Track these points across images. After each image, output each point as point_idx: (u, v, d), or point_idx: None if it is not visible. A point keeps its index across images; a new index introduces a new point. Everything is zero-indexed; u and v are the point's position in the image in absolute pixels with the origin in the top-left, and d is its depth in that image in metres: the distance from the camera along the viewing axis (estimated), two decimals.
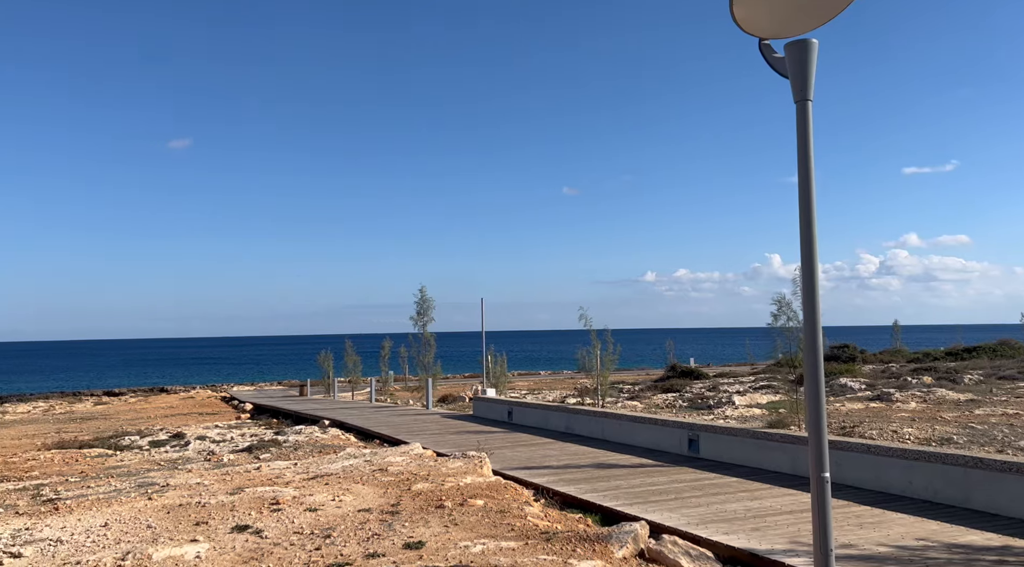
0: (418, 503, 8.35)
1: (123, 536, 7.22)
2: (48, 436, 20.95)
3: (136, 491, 9.71)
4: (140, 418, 26.91)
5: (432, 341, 27.82)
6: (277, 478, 10.32)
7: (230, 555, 6.49)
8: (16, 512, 8.66)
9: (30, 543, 7.04)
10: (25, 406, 37.16)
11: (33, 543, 7.03)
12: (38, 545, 6.96)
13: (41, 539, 7.19)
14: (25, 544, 6.99)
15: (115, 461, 14.57)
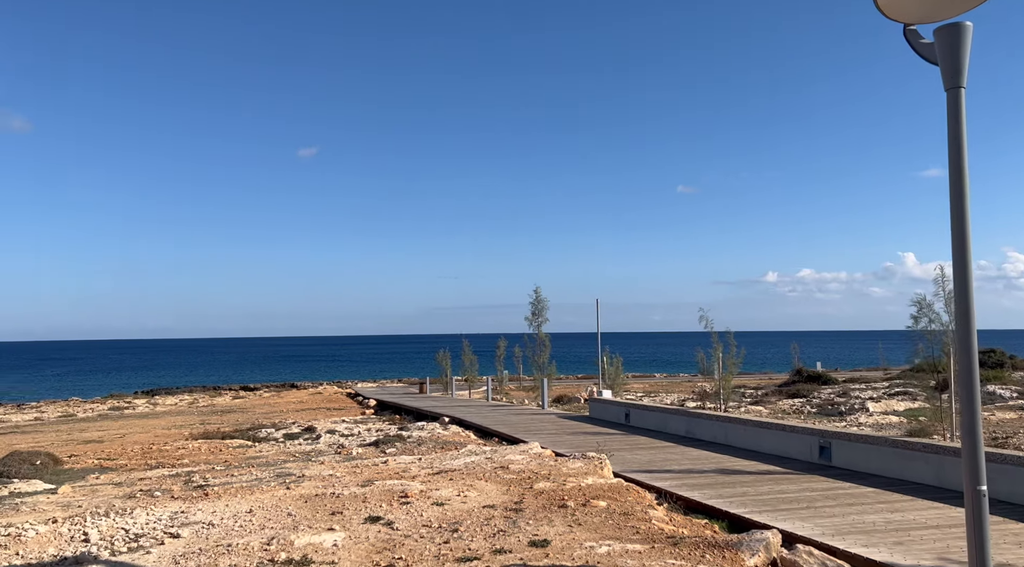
0: (541, 502, 8.42)
1: (266, 522, 7.70)
2: (194, 427, 22.60)
3: (275, 481, 10.32)
4: (274, 412, 28.55)
5: (547, 341, 27.98)
6: (404, 472, 10.69)
7: (364, 545, 6.78)
8: (172, 496, 9.41)
9: (186, 525, 7.63)
10: (172, 399, 40.26)
11: (189, 525, 7.62)
12: (193, 527, 7.54)
13: (195, 522, 7.78)
14: (182, 526, 7.59)
15: (254, 452, 15.54)
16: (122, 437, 20.26)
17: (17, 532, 7.30)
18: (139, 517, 7.99)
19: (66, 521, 7.80)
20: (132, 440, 19.24)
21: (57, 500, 9.58)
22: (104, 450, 16.98)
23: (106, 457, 15.49)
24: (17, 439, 21.08)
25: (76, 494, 10.11)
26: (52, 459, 13.81)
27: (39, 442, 19.39)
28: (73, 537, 7.20)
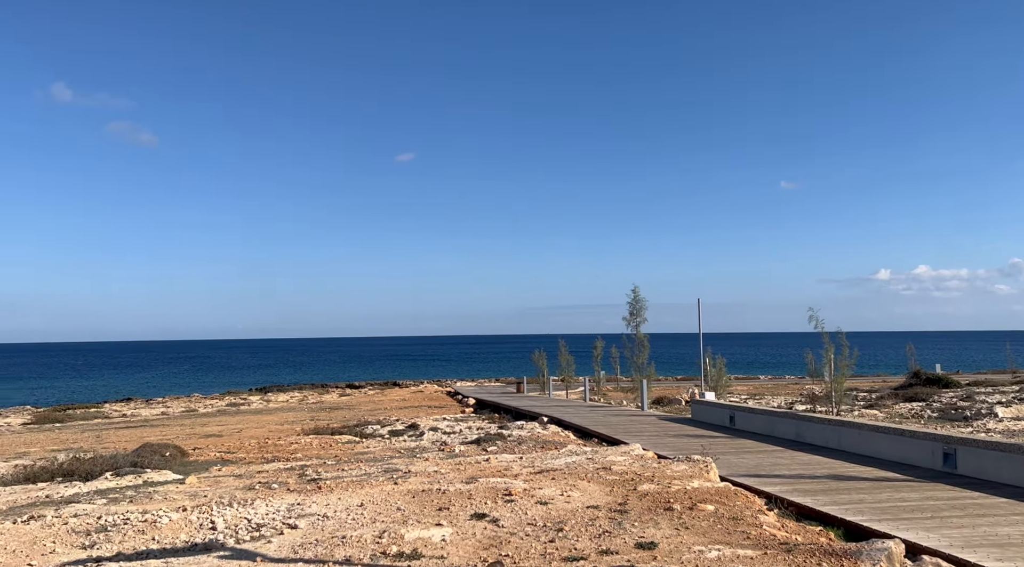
0: (645, 504, 8.32)
1: (377, 516, 7.96)
2: (305, 423, 23.61)
3: (383, 476, 10.65)
4: (378, 409, 29.45)
5: (645, 342, 27.60)
6: (506, 470, 10.80)
7: (471, 541, 6.89)
8: (288, 489, 9.87)
9: (303, 517, 7.98)
10: (284, 396, 42.19)
11: (305, 517, 7.97)
12: (309, 519, 7.87)
13: (310, 514, 8.13)
14: (299, 517, 7.94)
15: (362, 448, 16.08)
16: (239, 432, 21.41)
17: (153, 518, 7.85)
18: (259, 508, 8.42)
19: (194, 510, 8.32)
20: (249, 434, 20.29)
21: (185, 490, 10.22)
22: (224, 444, 17.98)
23: (226, 450, 16.41)
24: (147, 432, 22.64)
25: (201, 484, 10.75)
26: (179, 451, 14.76)
27: (166, 435, 20.75)
28: (202, 525, 7.67)
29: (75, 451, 16.51)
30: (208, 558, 6.42)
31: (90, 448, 17.75)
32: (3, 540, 7.31)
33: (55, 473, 12.07)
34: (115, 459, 13.07)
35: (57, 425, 28.42)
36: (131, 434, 22.27)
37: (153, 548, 6.88)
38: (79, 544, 7.13)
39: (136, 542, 7.13)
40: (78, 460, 12.77)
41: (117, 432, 23.51)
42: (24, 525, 8.03)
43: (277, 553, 6.56)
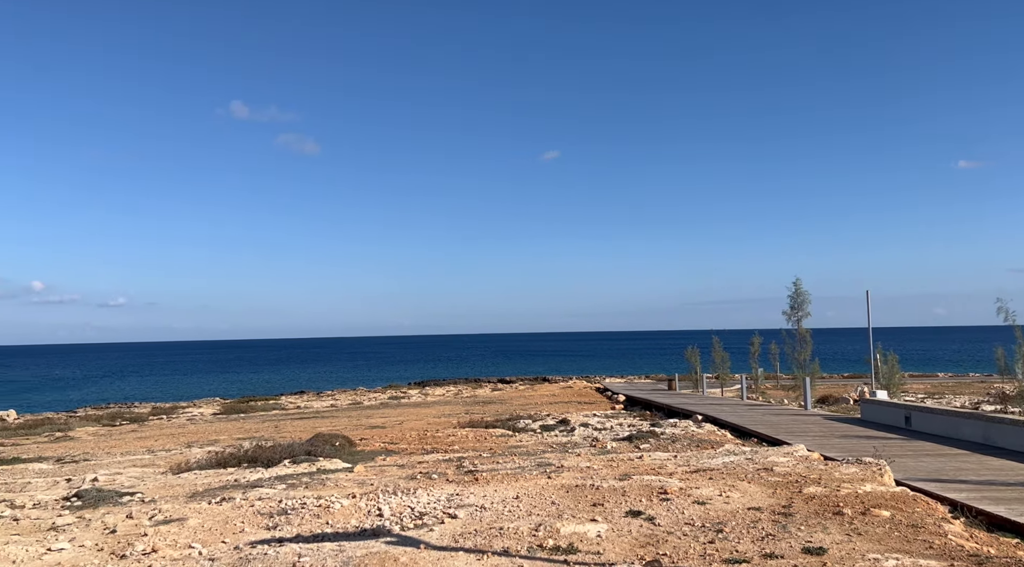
0: (812, 507, 7.88)
1: (532, 509, 8.07)
2: (460, 416, 24.41)
3: (536, 470, 10.79)
4: (529, 404, 29.90)
5: (808, 337, 26.15)
6: (660, 468, 10.61)
7: (627, 538, 6.83)
8: (447, 479, 10.24)
9: (461, 507, 8.25)
10: (440, 390, 43.86)
11: (464, 507, 8.23)
12: (467, 509, 8.12)
13: (469, 504, 8.38)
14: (458, 508, 8.22)
15: (515, 441, 16.39)
16: (401, 424, 22.48)
17: (326, 504, 8.41)
18: (421, 497, 8.79)
19: (363, 497, 8.82)
20: (409, 426, 21.27)
21: (353, 478, 10.87)
22: (387, 435, 18.96)
23: (389, 441, 17.29)
24: (318, 423, 24.32)
25: (368, 473, 11.39)
26: (347, 441, 15.72)
27: (335, 426, 22.18)
28: (369, 512, 8.13)
29: (257, 439, 18.02)
30: (376, 543, 6.79)
31: (270, 437, 19.31)
32: (201, 519, 8.11)
33: (241, 459, 13.23)
34: (292, 448, 14.13)
35: (241, 415, 31.20)
36: (305, 424, 24.02)
37: (327, 532, 7.37)
38: (264, 525, 7.77)
39: (312, 525, 7.67)
40: (260, 448, 13.93)
41: (292, 422, 25.45)
42: (217, 506, 8.87)
43: (439, 541, 6.81)
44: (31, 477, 13.79)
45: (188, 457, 15.12)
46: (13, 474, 14.45)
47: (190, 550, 6.89)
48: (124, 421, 29.98)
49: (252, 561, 6.29)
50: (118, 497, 10.07)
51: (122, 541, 7.30)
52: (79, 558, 6.80)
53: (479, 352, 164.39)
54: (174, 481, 11.70)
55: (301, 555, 6.38)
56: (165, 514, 8.50)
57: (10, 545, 7.30)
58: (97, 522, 8.31)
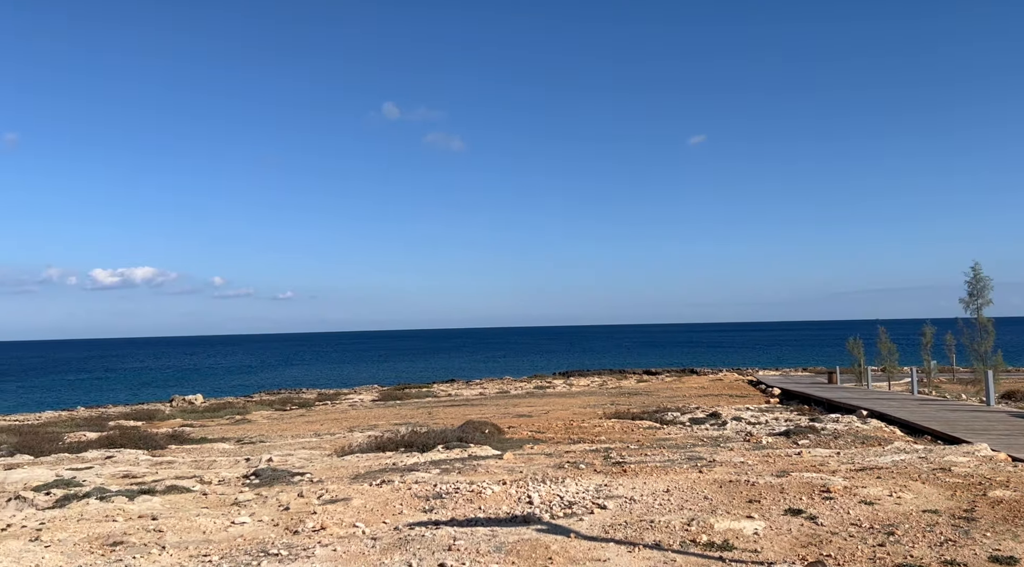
0: (999, 512, 7.15)
1: (684, 503, 7.88)
2: (606, 407, 24.31)
3: (686, 463, 10.53)
4: (676, 396, 29.25)
5: (989, 327, 23.75)
6: (821, 465, 10.03)
7: (787, 537, 6.51)
8: (595, 470, 10.22)
9: (610, 498, 8.20)
10: (584, 380, 43.88)
11: (613, 498, 8.18)
12: (616, 501, 8.07)
13: (618, 496, 8.32)
14: (607, 498, 8.18)
15: (663, 434, 16.09)
16: (547, 413, 22.72)
17: (478, 489, 8.65)
18: (570, 486, 8.83)
19: (513, 484, 8.99)
20: (555, 416, 21.44)
21: (503, 465, 11.10)
22: (534, 424, 19.22)
23: (536, 430, 17.52)
24: (468, 410, 25.07)
25: (517, 461, 11.59)
26: (496, 429, 16.09)
27: (484, 414, 22.77)
28: (520, 499, 8.27)
29: (413, 425, 18.85)
30: (527, 530, 6.89)
31: (424, 423, 20.13)
32: (364, 500, 8.58)
33: (399, 444, 13.88)
34: (445, 434, 14.65)
35: (397, 402, 32.76)
36: (455, 412, 24.85)
37: (480, 517, 7.57)
38: (421, 508, 8.11)
39: (466, 510, 7.91)
40: (416, 433, 14.56)
41: (444, 409, 26.40)
42: (378, 488, 9.35)
43: (589, 531, 6.81)
44: (216, 456, 15.18)
45: (350, 441, 16.07)
46: (201, 452, 15.98)
47: (354, 529, 7.31)
48: (293, 406, 32.34)
49: (411, 542, 6.58)
50: (290, 477, 10.87)
51: (294, 518, 7.88)
52: (258, 532, 7.40)
53: (623, 343, 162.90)
54: (339, 463, 12.47)
55: (456, 539, 6.60)
56: (332, 494, 9.07)
57: (201, 517, 8.08)
58: (272, 499, 9.02)
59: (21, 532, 7.63)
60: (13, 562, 6.41)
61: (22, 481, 11.75)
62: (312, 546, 6.62)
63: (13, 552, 6.75)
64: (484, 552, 6.18)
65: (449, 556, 6.09)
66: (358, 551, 6.42)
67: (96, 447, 17.16)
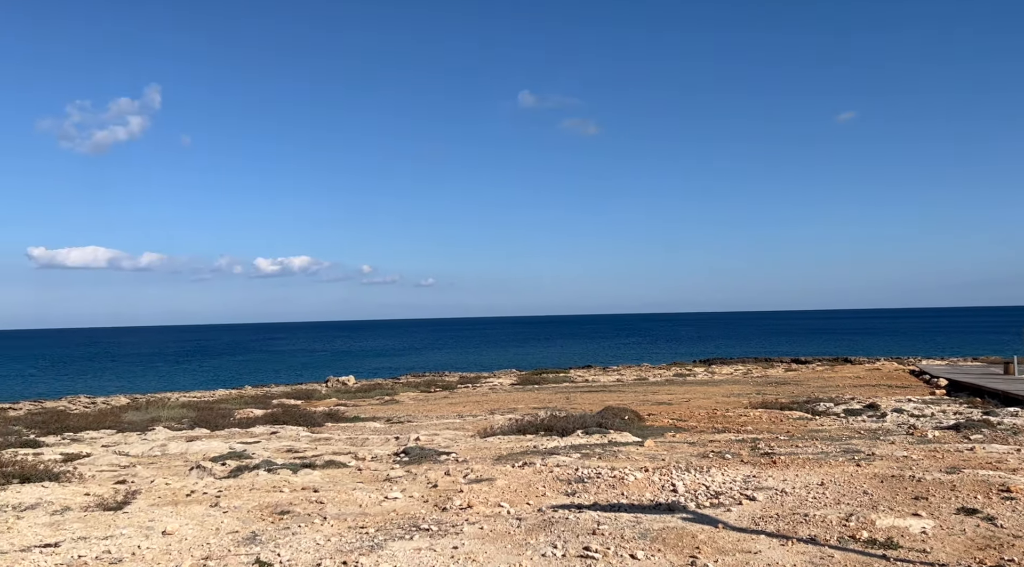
0: None
1: (841, 498, 7.46)
2: (751, 396, 23.42)
3: (842, 456, 9.94)
4: (828, 386, 27.69)
5: None
6: (999, 463, 9.16)
7: (960, 537, 6.01)
8: (741, 460, 9.88)
9: (759, 489, 7.90)
10: (727, 368, 42.49)
11: (762, 490, 7.87)
12: (766, 492, 7.75)
13: (767, 487, 7.99)
14: (756, 490, 7.88)
15: (815, 425, 15.29)
16: (687, 401, 22.21)
17: (620, 475, 8.60)
18: (716, 476, 8.59)
19: (655, 471, 8.86)
20: (696, 404, 20.92)
21: (644, 452, 10.97)
22: (674, 412, 18.85)
23: (677, 418, 17.17)
24: (605, 397, 24.97)
25: (658, 448, 11.42)
26: (636, 416, 15.93)
27: (622, 400, 22.59)
28: (663, 486, 8.14)
29: (551, 409, 19.03)
30: (672, 518, 6.77)
31: (562, 408, 20.27)
32: (507, 481, 8.77)
33: (539, 427, 14.06)
34: (583, 419, 14.68)
35: (535, 386, 33.18)
36: (593, 397, 24.83)
37: (623, 502, 7.52)
38: (563, 491, 8.17)
39: (608, 495, 7.89)
40: (555, 417, 14.68)
41: (581, 395, 26.45)
42: (520, 470, 9.52)
43: (738, 522, 6.60)
44: (368, 434, 16.03)
45: (491, 423, 16.46)
46: (355, 431, 16.93)
47: (499, 508, 7.48)
48: (437, 388, 33.56)
49: (555, 524, 6.65)
50: (436, 456, 11.29)
51: (442, 495, 8.17)
52: (409, 507, 7.74)
53: (768, 330, 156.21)
54: (482, 444, 12.81)
55: (600, 523, 6.59)
56: (476, 474, 9.34)
57: (357, 491, 8.56)
58: (421, 477, 9.40)
59: (203, 498, 8.42)
60: (197, 524, 7.07)
61: (201, 452, 12.95)
62: (460, 523, 6.84)
63: (197, 516, 7.45)
64: (629, 538, 6.14)
65: (593, 540, 6.10)
66: (504, 530, 6.57)
67: (262, 423, 18.60)
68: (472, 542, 6.21)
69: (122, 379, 64.91)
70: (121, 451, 13.63)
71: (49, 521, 7.39)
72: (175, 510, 7.74)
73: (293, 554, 5.99)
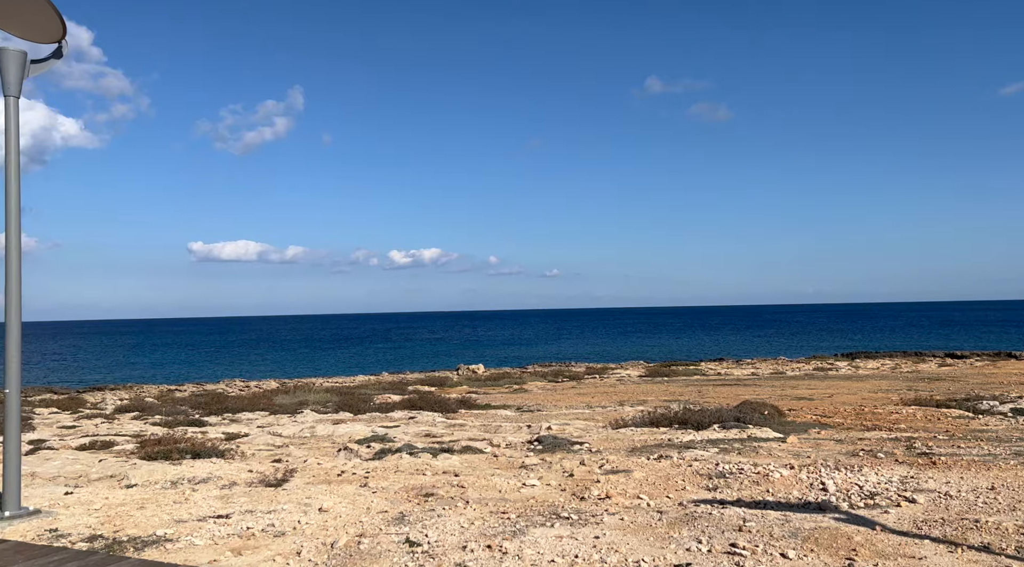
0: None
1: (1017, 504, 6.83)
2: (902, 392, 21.91)
3: (1014, 459, 9.12)
4: (989, 383, 25.45)
5: None
6: None
7: None
8: (896, 460, 9.26)
9: (919, 491, 7.38)
10: (873, 363, 40.01)
11: (922, 492, 7.35)
12: (927, 495, 7.23)
13: (928, 490, 7.46)
14: (915, 492, 7.37)
15: (978, 424, 14.11)
16: (830, 397, 21.08)
17: (764, 472, 8.29)
18: (869, 476, 8.10)
19: (802, 469, 8.48)
20: (841, 400, 19.82)
21: (787, 448, 10.52)
22: (817, 407, 17.95)
23: (821, 414, 16.34)
24: (740, 390, 24.15)
25: (802, 445, 10.91)
26: (776, 411, 15.31)
27: (758, 394, 21.77)
28: (812, 485, 7.77)
29: (683, 402, 18.63)
30: (824, 518, 6.46)
31: (694, 401, 19.79)
32: (644, 473, 8.67)
33: (672, 420, 13.80)
34: (719, 413, 14.26)
35: (664, 378, 32.61)
36: (727, 391, 24.08)
37: (768, 500, 7.25)
38: (703, 486, 7.98)
39: (752, 491, 7.63)
40: (689, 410, 14.35)
41: (714, 388, 25.72)
42: (656, 462, 9.39)
43: (897, 525, 6.20)
44: (500, 421, 16.34)
45: (621, 414, 16.32)
46: (487, 418, 17.30)
47: (638, 500, 7.41)
48: (564, 378, 33.68)
49: (698, 519, 6.50)
50: (569, 445, 11.33)
51: (579, 485, 8.20)
52: (547, 495, 7.82)
53: (917, 322, 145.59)
54: (614, 435, 12.73)
55: (746, 519, 6.39)
56: (612, 465, 9.29)
57: (495, 477, 8.75)
58: (556, 465, 9.47)
59: (352, 478, 8.88)
60: (349, 503, 7.47)
61: (347, 435, 13.67)
62: (600, 513, 6.84)
63: (349, 495, 7.87)
64: (778, 536, 5.91)
65: (740, 537, 5.92)
66: (645, 522, 6.50)
67: (400, 408, 19.39)
68: (613, 532, 6.19)
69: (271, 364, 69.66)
70: (274, 432, 14.62)
71: (219, 494, 8.04)
72: (328, 489, 8.21)
73: (440, 535, 6.21)
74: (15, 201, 6.90)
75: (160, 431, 14.75)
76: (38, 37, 6.84)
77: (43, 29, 6.77)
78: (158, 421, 17.37)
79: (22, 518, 6.88)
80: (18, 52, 6.79)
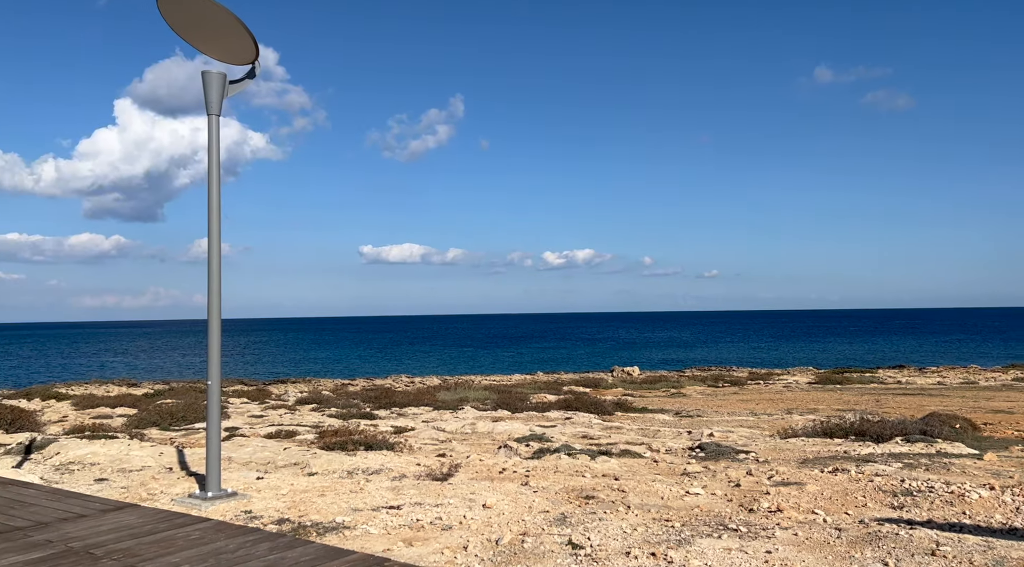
0: None
1: None
2: None
3: None
4: None
5: None
6: None
7: None
8: None
9: None
10: None
11: None
12: None
13: None
14: None
15: None
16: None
17: (959, 492, 7.52)
18: None
19: (1005, 490, 7.61)
20: None
21: (984, 466, 9.49)
22: (1019, 422, 16.10)
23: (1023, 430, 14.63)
24: (925, 401, 22.14)
25: (1003, 464, 9.81)
26: (970, 425, 13.88)
27: (946, 405, 19.86)
28: (1019, 509, 6.95)
29: (860, 412, 17.33)
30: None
31: (872, 411, 18.37)
32: (819, 487, 8.14)
33: (847, 431, 12.87)
34: (903, 425, 13.12)
35: (837, 386, 30.54)
36: (909, 401, 22.16)
37: (965, 523, 6.56)
38: (887, 503, 7.37)
39: (945, 512, 6.94)
40: (866, 421, 13.32)
41: (894, 398, 23.75)
42: (832, 476, 8.78)
43: None
44: (658, 426, 16.01)
45: (790, 423, 15.46)
46: (644, 421, 17.02)
47: (813, 515, 6.96)
48: (725, 383, 32.47)
49: (883, 539, 6.00)
50: (734, 453, 10.87)
51: (747, 496, 7.83)
52: (712, 504, 7.53)
53: None
54: (782, 445, 12.07)
55: (940, 543, 5.82)
56: (781, 476, 8.81)
57: (656, 483, 8.56)
58: (721, 474, 9.11)
59: (513, 476, 9.03)
60: (512, 501, 7.59)
61: (506, 433, 13.94)
62: (771, 527, 6.49)
63: (511, 492, 8.00)
64: (979, 565, 5.33)
65: (934, 562, 5.40)
66: (821, 539, 6.09)
67: (556, 408, 19.51)
68: (786, 548, 5.85)
69: (433, 360, 72.68)
70: (438, 427, 15.20)
71: (390, 486, 8.45)
72: (491, 485, 8.39)
73: (602, 539, 6.15)
74: (216, 209, 7.63)
75: (336, 423, 15.77)
76: (234, 60, 7.54)
77: (239, 52, 7.45)
78: (334, 413, 18.60)
79: (222, 499, 7.59)
80: (219, 74, 7.53)
